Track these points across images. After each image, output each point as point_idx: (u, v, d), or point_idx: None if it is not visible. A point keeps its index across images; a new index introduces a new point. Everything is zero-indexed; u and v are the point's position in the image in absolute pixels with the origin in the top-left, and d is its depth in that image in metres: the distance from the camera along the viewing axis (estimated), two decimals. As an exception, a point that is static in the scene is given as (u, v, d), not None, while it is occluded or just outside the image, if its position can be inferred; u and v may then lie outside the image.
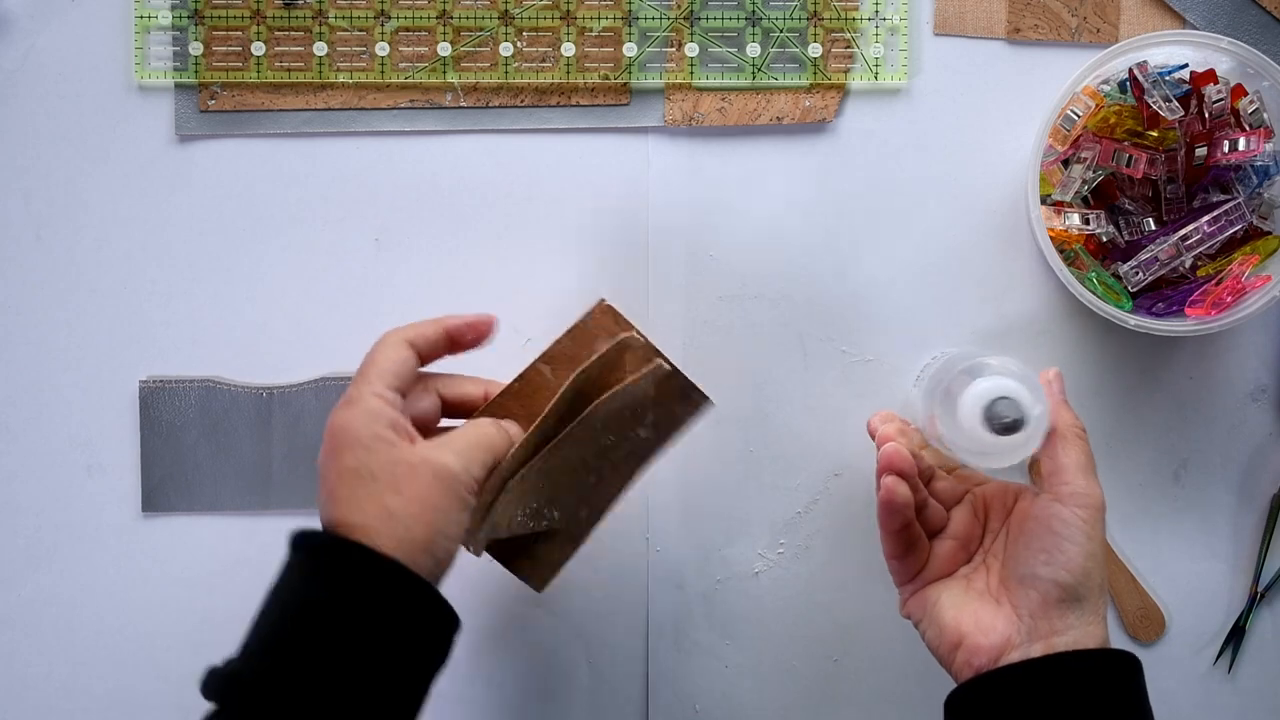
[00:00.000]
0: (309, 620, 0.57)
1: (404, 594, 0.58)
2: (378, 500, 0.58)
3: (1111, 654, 0.61)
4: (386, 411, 0.61)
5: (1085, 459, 0.63)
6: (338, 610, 0.57)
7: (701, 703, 0.76)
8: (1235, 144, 0.70)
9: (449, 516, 0.60)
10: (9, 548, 0.76)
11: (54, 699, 0.76)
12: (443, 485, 0.59)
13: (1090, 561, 0.61)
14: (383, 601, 0.57)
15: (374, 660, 0.57)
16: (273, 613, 0.59)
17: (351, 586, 0.57)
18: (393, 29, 0.76)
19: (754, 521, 0.76)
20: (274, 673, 0.56)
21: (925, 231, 0.77)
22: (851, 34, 0.76)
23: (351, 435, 0.60)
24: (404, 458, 0.59)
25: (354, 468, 0.59)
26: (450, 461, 0.60)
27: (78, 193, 0.76)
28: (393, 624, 0.58)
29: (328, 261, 0.77)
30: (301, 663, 0.56)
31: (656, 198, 0.77)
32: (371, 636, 0.57)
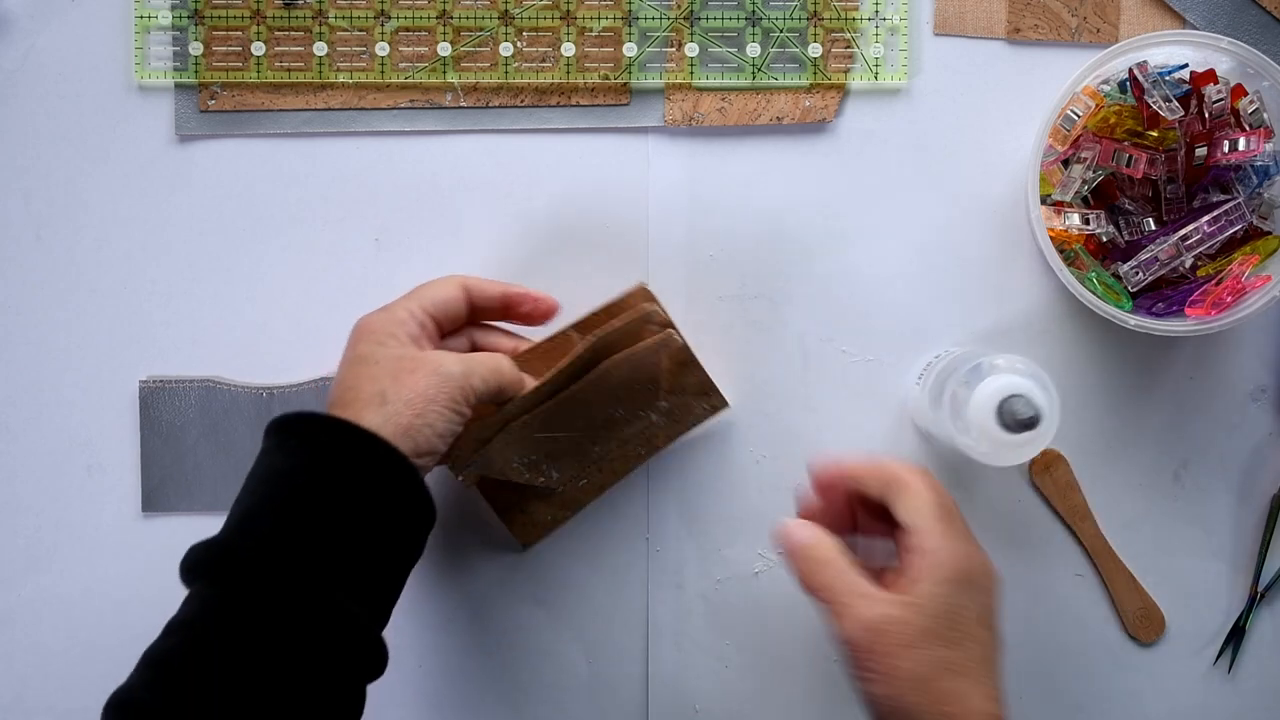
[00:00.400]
0: (296, 490, 0.60)
1: (384, 468, 0.60)
2: (374, 384, 0.62)
3: None
4: (410, 324, 0.65)
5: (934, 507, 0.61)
6: (322, 478, 0.60)
7: (701, 703, 0.76)
8: (1235, 144, 0.70)
9: (438, 411, 0.62)
10: (9, 548, 0.76)
11: (54, 699, 0.76)
12: (438, 380, 0.63)
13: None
14: (363, 470, 0.60)
15: (358, 527, 0.59)
16: (256, 490, 0.61)
17: (333, 456, 0.60)
18: (393, 29, 0.76)
19: (754, 521, 0.76)
20: (267, 542, 0.58)
21: (925, 231, 0.77)
22: (851, 34, 0.76)
23: (369, 329, 0.65)
24: (409, 354, 0.64)
25: (362, 354, 0.64)
26: (451, 365, 0.64)
27: (78, 193, 0.76)
28: (373, 494, 0.60)
29: (328, 261, 0.77)
30: (292, 530, 0.59)
31: (656, 198, 0.77)
32: (355, 503, 0.60)
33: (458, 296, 0.68)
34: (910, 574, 0.60)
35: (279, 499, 0.60)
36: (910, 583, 0.60)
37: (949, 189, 0.77)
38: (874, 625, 0.59)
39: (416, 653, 0.76)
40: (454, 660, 0.76)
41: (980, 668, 0.60)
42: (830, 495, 0.66)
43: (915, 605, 0.59)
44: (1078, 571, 0.77)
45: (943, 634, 0.59)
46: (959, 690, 0.59)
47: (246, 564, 0.58)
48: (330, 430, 0.61)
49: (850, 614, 0.60)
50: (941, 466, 0.76)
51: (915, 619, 0.59)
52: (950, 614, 0.59)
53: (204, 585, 0.59)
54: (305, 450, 0.61)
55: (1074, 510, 0.76)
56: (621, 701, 0.77)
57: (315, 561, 0.58)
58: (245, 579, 0.58)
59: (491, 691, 0.76)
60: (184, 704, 0.56)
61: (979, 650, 0.60)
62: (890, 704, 0.59)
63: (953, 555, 0.60)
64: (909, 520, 0.61)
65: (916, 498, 0.62)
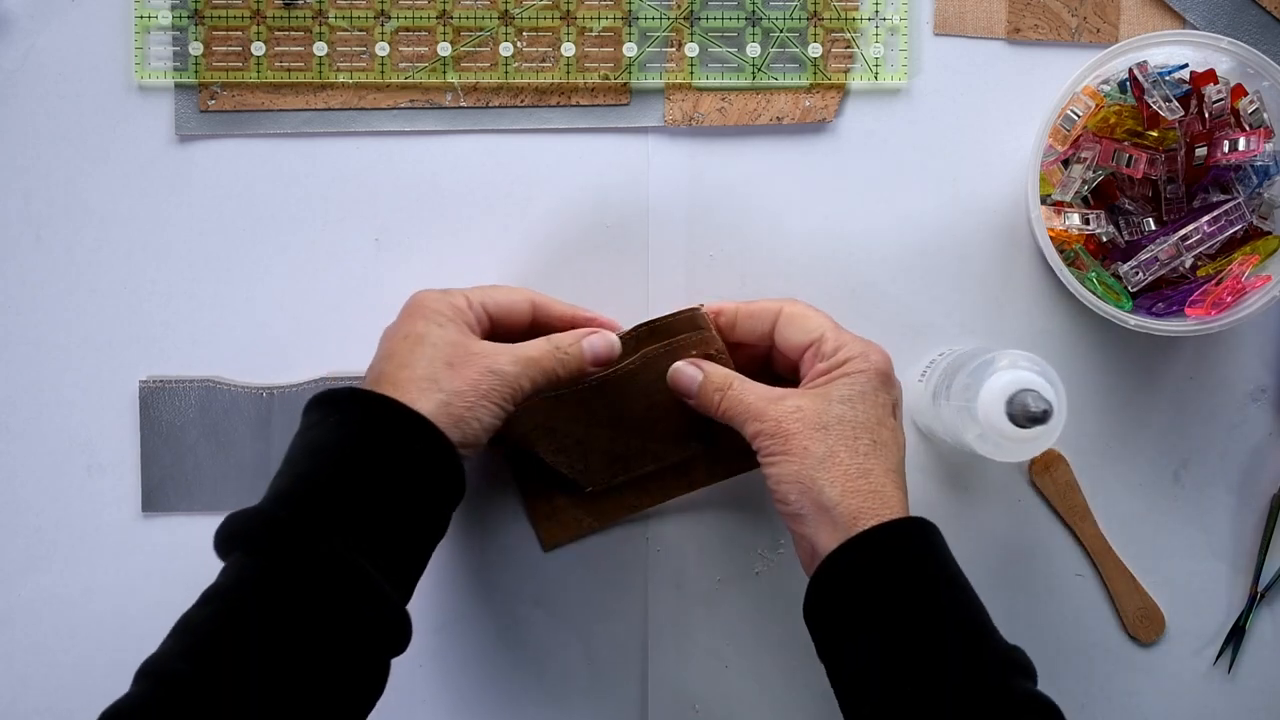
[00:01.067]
0: (341, 464, 0.60)
1: (432, 453, 0.61)
2: (429, 366, 0.62)
3: (903, 522, 0.62)
4: (469, 313, 0.65)
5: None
6: (370, 455, 0.60)
7: (701, 703, 0.76)
8: (1235, 144, 0.70)
9: (487, 407, 0.63)
10: (9, 548, 0.76)
11: (54, 699, 0.76)
12: (493, 378, 0.63)
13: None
14: (412, 452, 0.60)
15: (397, 506, 0.60)
16: (298, 463, 0.61)
17: (382, 435, 0.60)
18: (393, 29, 0.76)
19: (754, 521, 0.76)
20: (305, 513, 0.58)
21: (925, 231, 0.77)
22: (851, 34, 0.76)
23: (429, 308, 0.64)
24: (466, 343, 0.63)
25: (420, 333, 0.63)
26: (507, 364, 0.63)
27: (78, 193, 0.76)
28: (419, 477, 0.60)
29: (328, 261, 0.77)
30: (333, 503, 0.59)
31: (656, 198, 0.77)
32: (400, 484, 0.60)
33: (523, 309, 0.68)
34: (820, 379, 0.64)
35: (322, 472, 0.60)
36: (823, 383, 0.64)
37: (949, 189, 0.77)
38: (787, 414, 0.63)
39: (416, 653, 0.76)
40: (454, 660, 0.76)
41: (890, 457, 0.63)
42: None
43: (825, 396, 0.64)
44: (1078, 571, 0.77)
45: (854, 420, 0.63)
46: (866, 467, 0.62)
47: (283, 534, 0.58)
48: (382, 409, 0.61)
49: (762, 414, 0.64)
50: (942, 466, 0.76)
51: (826, 406, 0.63)
52: (862, 404, 0.63)
53: (241, 554, 0.59)
54: (352, 425, 0.61)
55: (1074, 510, 0.76)
56: (621, 701, 0.77)
57: (351, 535, 0.58)
58: (281, 548, 0.58)
59: (491, 691, 0.76)
60: (218, 672, 0.56)
61: (890, 438, 0.64)
62: (796, 479, 0.62)
63: (859, 353, 0.65)
64: (806, 336, 0.65)
65: (804, 317, 0.66)
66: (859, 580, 0.60)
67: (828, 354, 0.65)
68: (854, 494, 0.61)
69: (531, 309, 0.68)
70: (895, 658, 0.59)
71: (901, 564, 0.60)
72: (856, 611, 0.60)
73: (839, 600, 0.61)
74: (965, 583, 0.62)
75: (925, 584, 0.60)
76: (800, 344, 0.66)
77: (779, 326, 0.67)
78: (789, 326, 0.67)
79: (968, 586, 0.62)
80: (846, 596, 0.60)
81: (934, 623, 0.59)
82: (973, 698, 0.57)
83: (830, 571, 0.61)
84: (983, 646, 0.60)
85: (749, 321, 0.69)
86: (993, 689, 0.58)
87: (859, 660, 0.60)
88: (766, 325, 0.68)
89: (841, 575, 0.61)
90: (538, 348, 0.65)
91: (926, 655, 0.58)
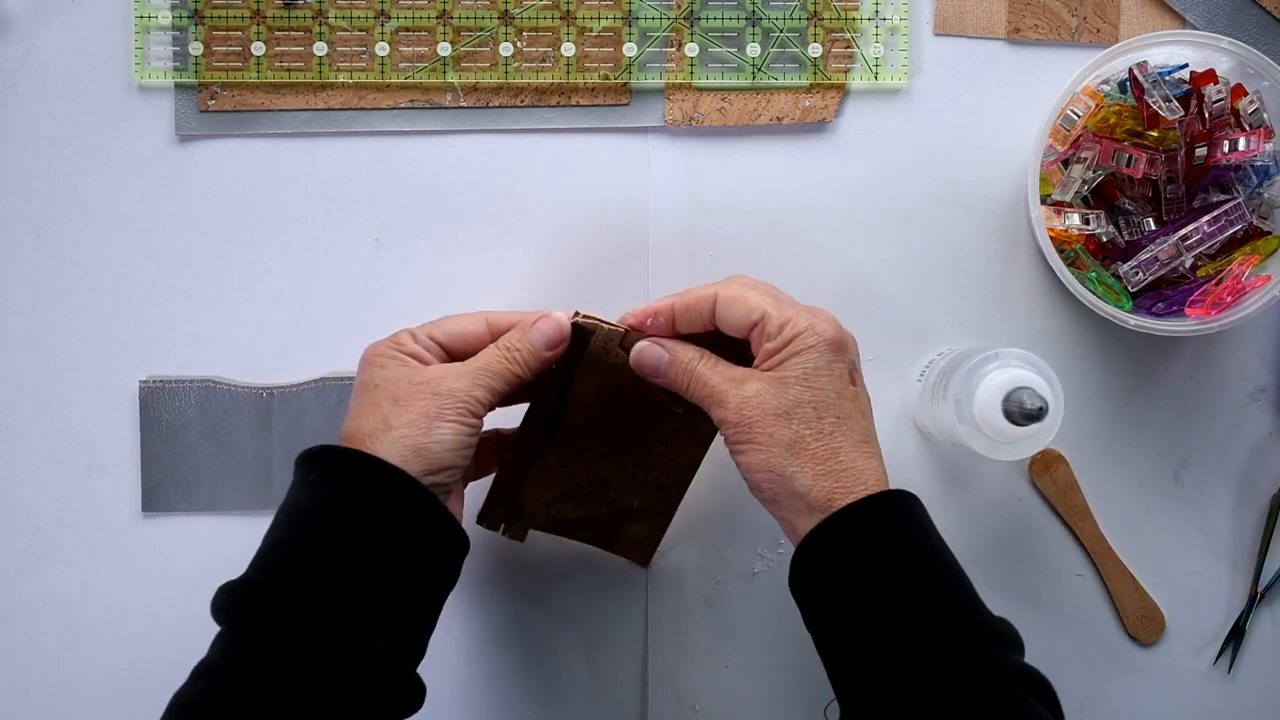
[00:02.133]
0: (313, 525, 0.60)
1: (397, 495, 0.60)
2: (378, 409, 0.62)
3: (883, 495, 0.61)
4: (411, 344, 0.65)
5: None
6: (337, 510, 0.60)
7: (701, 703, 0.76)
8: (1235, 144, 0.70)
9: (445, 428, 0.62)
10: (9, 548, 0.76)
11: (54, 699, 0.76)
12: (439, 399, 0.62)
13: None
14: (376, 499, 0.60)
15: (377, 558, 0.59)
16: (278, 526, 0.62)
17: (346, 487, 0.60)
18: (393, 29, 0.76)
19: (754, 521, 0.76)
20: (285, 580, 0.58)
21: (925, 231, 0.77)
22: (851, 34, 0.76)
23: (373, 355, 0.64)
24: (409, 375, 0.63)
25: (364, 381, 0.64)
26: (452, 381, 0.63)
27: (78, 193, 0.76)
28: (389, 522, 0.60)
29: (328, 261, 0.77)
30: (310, 566, 0.59)
31: (656, 198, 0.77)
32: (372, 534, 0.59)
33: (477, 330, 0.66)
34: (772, 360, 0.63)
35: (297, 535, 0.60)
36: (776, 364, 0.63)
37: (949, 189, 0.77)
38: (746, 400, 0.62)
39: (416, 653, 0.76)
40: (453, 660, 0.76)
41: (856, 428, 0.62)
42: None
43: (782, 379, 0.62)
44: (1078, 571, 0.77)
45: (814, 401, 0.62)
46: (833, 446, 0.61)
47: (264, 604, 0.58)
48: (340, 461, 0.61)
49: (725, 398, 0.62)
50: (942, 466, 0.76)
51: (785, 390, 0.62)
52: (819, 381, 0.62)
53: (226, 627, 0.59)
54: (322, 484, 0.61)
55: (1074, 510, 0.76)
56: (621, 701, 0.77)
57: (333, 597, 0.58)
58: (263, 619, 0.58)
59: (491, 691, 0.76)
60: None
61: (852, 408, 0.63)
62: (766, 469, 0.61)
63: (806, 327, 0.63)
64: (749, 316, 0.63)
65: (741, 299, 0.64)
66: (837, 558, 0.60)
67: (773, 333, 0.63)
68: (825, 476, 0.61)
69: (488, 328, 0.66)
70: (877, 633, 0.58)
71: (878, 539, 0.60)
72: (837, 588, 0.60)
73: (819, 579, 0.61)
74: (948, 554, 0.62)
75: (904, 557, 0.60)
76: (743, 326, 0.64)
77: (718, 312, 0.65)
78: (728, 310, 0.64)
79: (951, 558, 0.61)
80: (826, 574, 0.60)
81: (915, 596, 0.59)
82: (957, 671, 0.57)
83: (809, 551, 0.61)
84: (966, 619, 0.59)
85: (688, 315, 0.66)
86: (977, 662, 0.57)
87: (842, 636, 0.60)
88: (707, 313, 0.65)
89: (820, 555, 0.61)
90: (484, 354, 0.65)
91: (908, 630, 0.58)
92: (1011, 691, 0.57)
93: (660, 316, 0.67)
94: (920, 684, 0.57)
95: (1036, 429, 0.65)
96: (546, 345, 0.65)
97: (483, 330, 0.66)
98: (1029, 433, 0.66)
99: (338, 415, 0.75)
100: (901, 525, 0.61)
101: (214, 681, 0.58)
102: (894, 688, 0.57)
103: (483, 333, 0.66)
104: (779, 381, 0.62)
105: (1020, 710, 0.57)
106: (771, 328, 0.63)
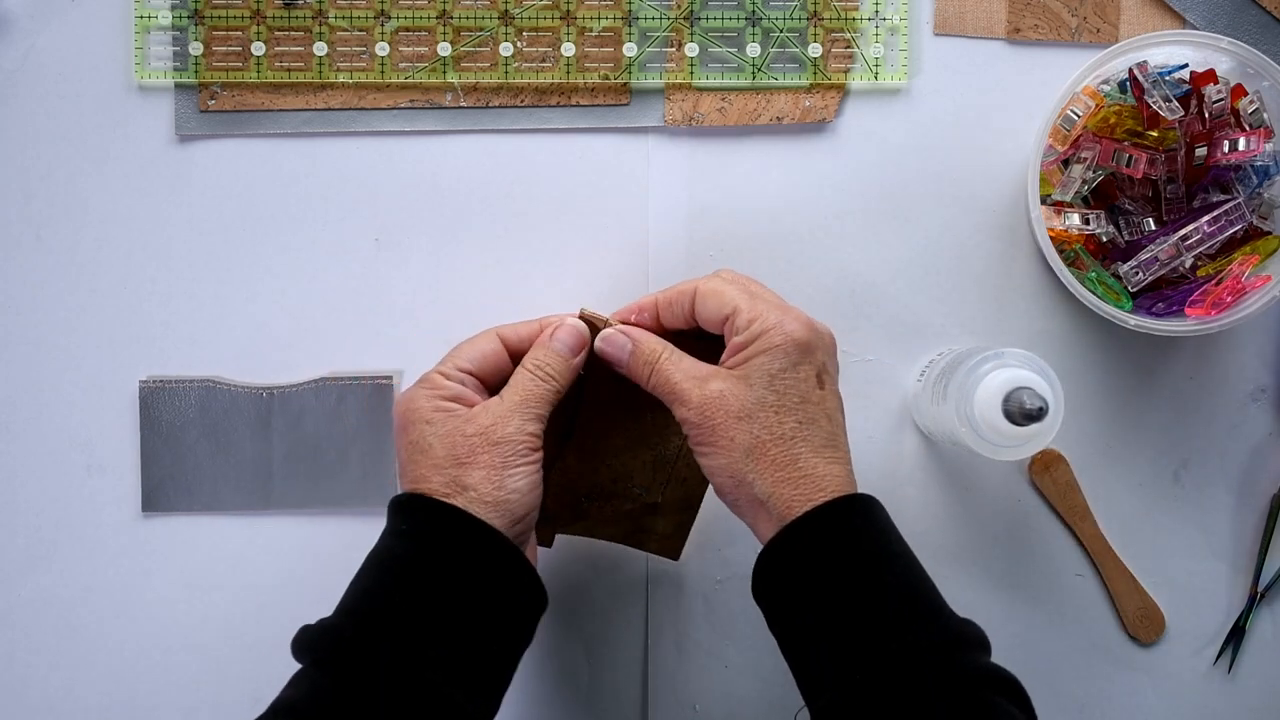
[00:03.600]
0: (403, 575, 0.60)
1: (488, 552, 0.60)
2: (442, 472, 0.61)
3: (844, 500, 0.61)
4: (449, 386, 0.64)
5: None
6: (428, 563, 0.59)
7: (701, 703, 0.76)
8: (1235, 144, 0.70)
9: (516, 475, 0.62)
10: (9, 548, 0.76)
11: (54, 699, 0.76)
12: (501, 449, 0.62)
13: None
14: (468, 555, 0.60)
15: (465, 613, 0.59)
16: (367, 573, 0.61)
17: (439, 542, 0.60)
18: (393, 29, 0.76)
19: (754, 521, 0.76)
20: (375, 629, 0.58)
21: (925, 231, 0.77)
22: (851, 34, 0.76)
23: (414, 411, 0.63)
24: (461, 428, 0.62)
25: (415, 442, 0.63)
26: (503, 426, 0.62)
27: (78, 193, 0.76)
28: (479, 578, 0.60)
29: (328, 261, 0.77)
30: (400, 617, 0.58)
31: (656, 198, 0.77)
32: (461, 589, 0.59)
33: (495, 349, 0.66)
34: (739, 356, 0.62)
35: (388, 585, 0.60)
36: (741, 361, 0.62)
37: (949, 189, 0.77)
38: (708, 400, 0.61)
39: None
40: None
41: (819, 433, 0.61)
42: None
43: (745, 379, 0.61)
44: (1078, 571, 0.77)
45: (776, 403, 0.61)
46: (794, 453, 0.60)
47: (353, 652, 0.58)
48: (434, 514, 0.61)
49: (687, 397, 0.62)
50: (942, 466, 0.76)
51: (747, 391, 0.61)
52: (782, 382, 0.61)
53: (310, 667, 0.59)
54: (414, 535, 0.61)
55: (1074, 510, 0.76)
56: (621, 701, 0.77)
57: (422, 650, 0.58)
58: (352, 667, 0.57)
59: (491, 691, 0.76)
60: None
61: (817, 411, 0.62)
62: (727, 474, 0.61)
63: (774, 325, 0.62)
64: (721, 310, 0.63)
65: (717, 293, 0.64)
66: (796, 567, 0.59)
67: (742, 327, 0.62)
68: (784, 483, 0.60)
69: (500, 342, 0.66)
70: (841, 643, 0.58)
71: (837, 546, 0.59)
72: (798, 597, 0.59)
73: (780, 588, 0.60)
74: (910, 557, 0.61)
75: (864, 563, 0.59)
76: (717, 320, 0.64)
77: (696, 306, 0.65)
78: (704, 305, 0.64)
79: (912, 560, 0.61)
80: (787, 583, 0.60)
81: (876, 602, 0.58)
82: (924, 677, 0.56)
83: (769, 560, 0.60)
84: (928, 622, 0.58)
85: (670, 309, 0.66)
86: (943, 666, 0.57)
87: (807, 645, 0.59)
88: (688, 308, 0.65)
89: (780, 563, 0.60)
90: (518, 383, 0.64)
91: (872, 638, 0.57)
92: (980, 693, 0.57)
93: (645, 312, 0.67)
94: (887, 694, 0.56)
95: (1036, 429, 0.65)
96: (571, 352, 0.65)
97: (498, 347, 0.66)
98: (1029, 433, 0.65)
99: (338, 415, 0.76)
100: (860, 530, 0.60)
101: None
102: (861, 699, 0.56)
103: (499, 349, 0.66)
104: (743, 380, 0.61)
105: (990, 712, 0.56)
106: (741, 322, 0.62)
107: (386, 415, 0.76)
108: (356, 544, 0.62)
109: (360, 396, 0.76)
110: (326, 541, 0.76)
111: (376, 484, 0.76)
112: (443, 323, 0.76)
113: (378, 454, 0.76)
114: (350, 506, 0.76)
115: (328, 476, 0.76)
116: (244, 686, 0.76)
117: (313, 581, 0.75)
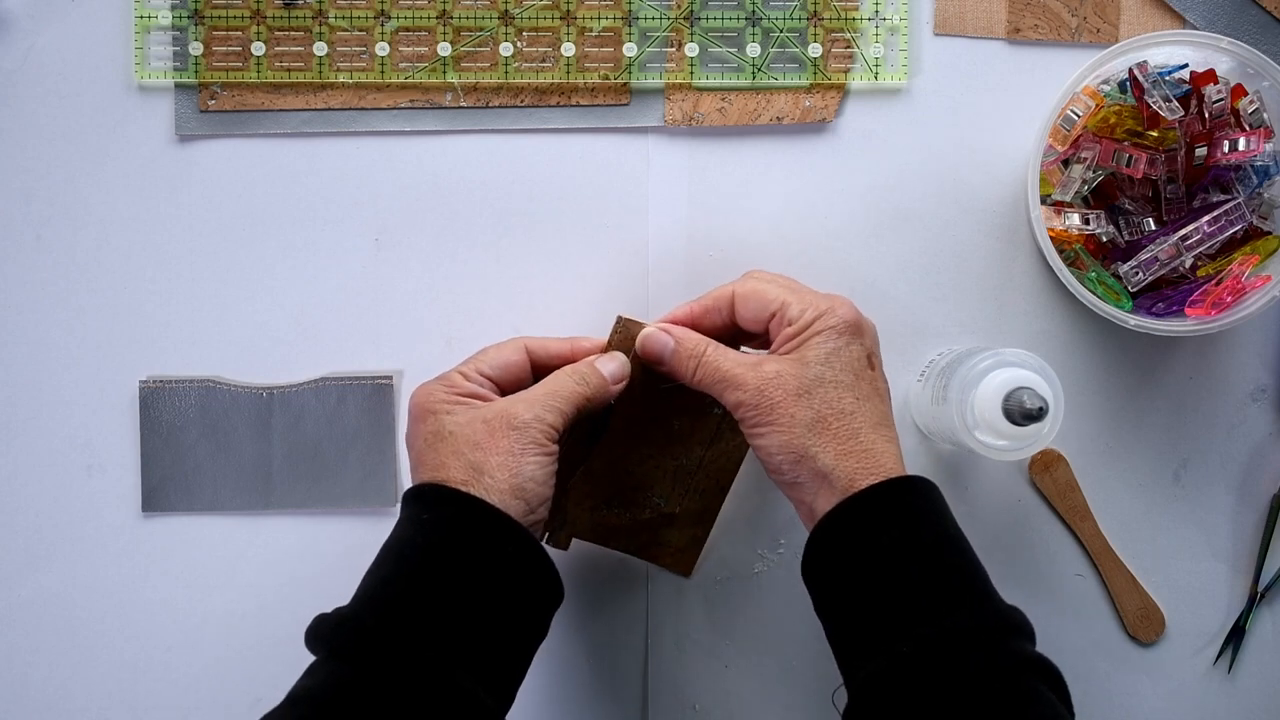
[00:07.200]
0: (420, 563, 0.60)
1: (505, 540, 0.60)
2: (461, 457, 0.62)
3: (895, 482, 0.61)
4: (467, 385, 0.64)
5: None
6: (445, 554, 0.60)
7: (701, 703, 0.76)
8: (1235, 144, 0.70)
9: (531, 461, 0.62)
10: (9, 548, 0.76)
11: (54, 699, 0.76)
12: (519, 433, 0.62)
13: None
14: (485, 543, 0.60)
15: (482, 602, 0.59)
16: (385, 561, 0.61)
17: (457, 530, 0.60)
18: (393, 29, 0.76)
19: (754, 521, 0.76)
20: (393, 618, 0.58)
21: (925, 231, 0.77)
22: (851, 34, 0.76)
23: (428, 403, 0.64)
24: (479, 415, 0.63)
25: (434, 430, 0.63)
26: (521, 412, 0.63)
27: (78, 193, 0.76)
28: (496, 567, 0.60)
29: (328, 261, 0.77)
30: (418, 607, 0.58)
31: (656, 198, 0.77)
32: (479, 577, 0.59)
33: (518, 357, 0.66)
34: (790, 344, 0.63)
35: (406, 574, 0.60)
36: (795, 347, 0.63)
37: (949, 189, 0.77)
38: (765, 380, 0.62)
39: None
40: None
41: (874, 410, 0.63)
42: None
43: (800, 359, 0.63)
44: (1078, 571, 0.77)
45: (834, 379, 0.62)
46: (854, 427, 0.62)
47: (373, 642, 0.57)
48: (452, 503, 0.61)
49: (742, 382, 0.63)
50: (942, 466, 0.76)
51: (804, 369, 0.62)
52: (839, 360, 0.63)
53: (328, 657, 0.59)
54: (433, 524, 0.61)
55: (1074, 510, 0.76)
56: (621, 701, 0.77)
57: (441, 640, 0.58)
58: (371, 658, 0.57)
59: (491, 691, 0.76)
60: None
61: (870, 390, 0.63)
62: (787, 450, 0.62)
63: (826, 309, 0.64)
64: (767, 308, 0.64)
65: (759, 292, 0.65)
66: (855, 539, 0.60)
67: (794, 318, 0.64)
68: (848, 455, 0.61)
69: (526, 353, 0.67)
70: (892, 616, 0.59)
71: (898, 523, 0.60)
72: (852, 570, 0.60)
73: (835, 560, 0.61)
74: (964, 542, 0.62)
75: (923, 542, 0.60)
76: (762, 318, 0.65)
77: (737, 307, 0.66)
78: (746, 306, 0.66)
79: (967, 546, 0.62)
80: (842, 556, 0.61)
81: (931, 581, 0.59)
82: (969, 656, 0.57)
83: (828, 531, 0.61)
84: (980, 604, 0.59)
85: (707, 317, 0.67)
86: (989, 647, 0.57)
87: (855, 618, 0.60)
88: (726, 312, 0.67)
89: (839, 535, 0.61)
90: (553, 379, 0.65)
91: (923, 613, 0.58)
92: (1022, 678, 0.57)
93: (680, 323, 0.67)
94: (932, 667, 0.57)
95: (1036, 429, 0.65)
96: (614, 379, 0.67)
97: (523, 359, 0.67)
98: (1029, 433, 0.66)
99: (338, 415, 0.76)
100: (922, 510, 0.61)
101: (314, 711, 0.57)
102: (905, 670, 0.57)
103: (523, 361, 0.66)
104: (799, 361, 0.63)
105: (1031, 696, 0.57)
106: (792, 313, 0.64)
107: (386, 415, 0.76)
108: (356, 544, 0.63)
109: (360, 396, 0.76)
110: (326, 541, 0.76)
111: (376, 484, 0.76)
112: (443, 323, 0.76)
113: (378, 454, 0.76)
114: (350, 506, 0.76)
115: (328, 476, 0.76)
116: (244, 686, 0.76)
117: (313, 581, 0.76)
